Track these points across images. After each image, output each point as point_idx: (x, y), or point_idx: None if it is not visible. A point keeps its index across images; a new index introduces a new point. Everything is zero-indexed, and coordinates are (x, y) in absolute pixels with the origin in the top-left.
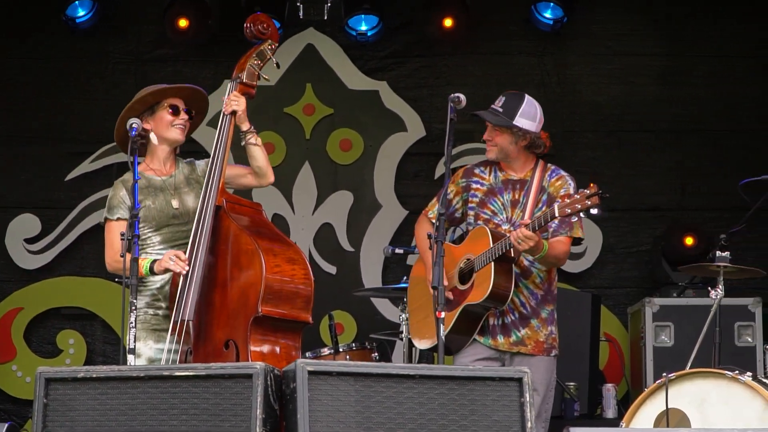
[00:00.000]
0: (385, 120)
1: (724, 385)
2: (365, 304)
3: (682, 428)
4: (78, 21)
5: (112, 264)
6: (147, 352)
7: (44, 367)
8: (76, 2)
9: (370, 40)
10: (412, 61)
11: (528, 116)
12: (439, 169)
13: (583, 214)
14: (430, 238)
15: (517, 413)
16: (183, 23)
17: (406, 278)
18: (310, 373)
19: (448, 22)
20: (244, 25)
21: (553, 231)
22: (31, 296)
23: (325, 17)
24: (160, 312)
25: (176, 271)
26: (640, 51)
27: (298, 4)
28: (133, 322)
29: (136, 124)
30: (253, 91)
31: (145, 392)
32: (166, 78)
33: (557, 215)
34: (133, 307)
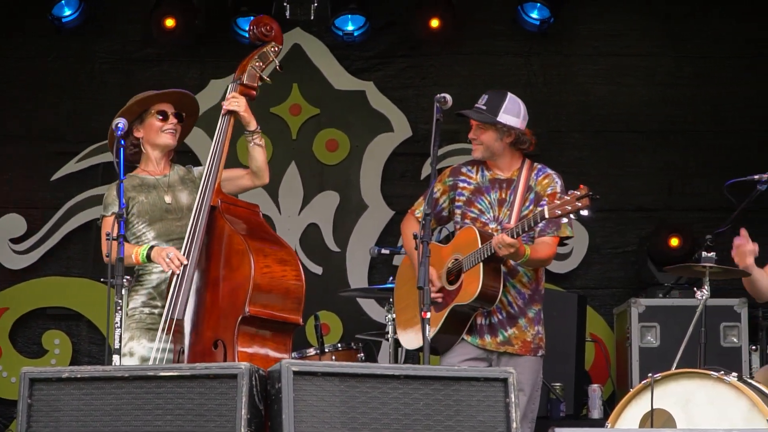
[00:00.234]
0: (371, 120)
1: (710, 385)
2: (351, 304)
3: (668, 429)
4: (64, 20)
5: (107, 258)
6: (140, 351)
7: (29, 368)
8: (63, 1)
9: (357, 41)
10: (398, 61)
11: (512, 113)
12: (426, 170)
13: (573, 216)
14: (416, 238)
15: (502, 413)
16: (170, 23)
17: (392, 279)
18: (295, 373)
19: (435, 23)
20: (248, 27)
21: (540, 230)
22: (17, 296)
23: (312, 17)
24: (156, 311)
25: (166, 270)
26: (627, 51)
27: (285, 4)
28: (118, 323)
29: (121, 123)
30: (254, 92)
31: (130, 392)
32: (153, 77)
33: (547, 216)
34: (119, 308)
